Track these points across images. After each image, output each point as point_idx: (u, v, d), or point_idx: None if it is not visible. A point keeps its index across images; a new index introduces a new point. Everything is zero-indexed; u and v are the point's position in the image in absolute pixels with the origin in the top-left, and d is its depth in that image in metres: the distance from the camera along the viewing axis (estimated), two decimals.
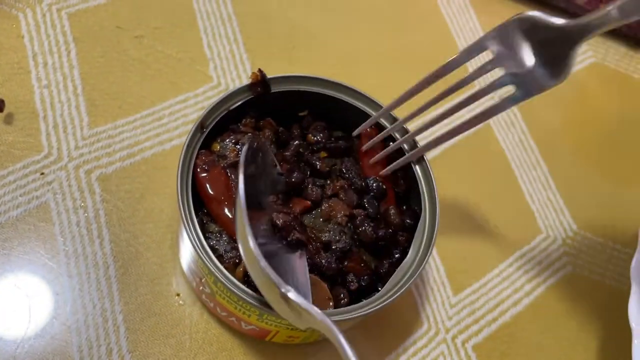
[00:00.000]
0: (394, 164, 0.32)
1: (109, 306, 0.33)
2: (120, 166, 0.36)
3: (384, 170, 0.33)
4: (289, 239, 0.29)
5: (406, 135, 0.32)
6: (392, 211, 0.32)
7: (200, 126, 0.30)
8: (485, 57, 0.28)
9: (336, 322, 0.25)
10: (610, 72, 0.50)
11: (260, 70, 0.31)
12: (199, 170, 0.30)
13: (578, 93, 0.49)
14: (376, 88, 0.43)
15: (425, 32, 0.48)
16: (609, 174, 0.46)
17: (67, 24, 0.40)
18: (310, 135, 0.33)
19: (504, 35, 0.27)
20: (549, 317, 0.39)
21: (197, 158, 0.30)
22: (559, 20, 0.26)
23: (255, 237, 0.24)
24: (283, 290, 0.24)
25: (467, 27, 0.49)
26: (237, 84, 0.40)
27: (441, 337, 0.36)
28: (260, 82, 0.32)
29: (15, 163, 0.35)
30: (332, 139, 0.34)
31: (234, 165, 0.30)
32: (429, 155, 0.42)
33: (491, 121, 0.45)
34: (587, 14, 0.25)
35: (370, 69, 0.45)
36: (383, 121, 0.33)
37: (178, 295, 0.34)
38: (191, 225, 0.28)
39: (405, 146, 0.32)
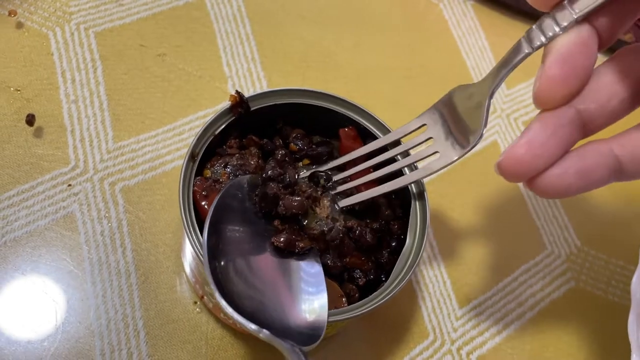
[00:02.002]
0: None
1: (130, 312, 0.35)
2: (143, 179, 0.38)
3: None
4: (296, 251, 0.30)
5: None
6: (383, 205, 0.34)
7: (191, 156, 0.31)
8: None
9: (356, 316, 0.28)
10: None
11: (238, 92, 0.33)
12: (198, 197, 0.31)
13: None
14: (389, 105, 0.45)
15: (437, 51, 0.49)
16: (613, 192, 0.47)
17: (94, 42, 0.42)
18: (292, 144, 0.35)
19: (435, 110, 0.31)
20: (552, 331, 0.40)
21: (194, 186, 0.31)
22: (473, 82, 0.29)
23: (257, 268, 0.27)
24: (255, 329, 0.25)
25: (476, 47, 0.50)
26: None
27: (447, 348, 0.38)
28: (240, 103, 0.33)
29: (44, 175, 0.37)
30: (313, 145, 0.35)
31: None
32: (435, 174, 0.44)
33: (498, 138, 0.47)
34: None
35: (382, 86, 0.47)
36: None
37: (195, 303, 0.36)
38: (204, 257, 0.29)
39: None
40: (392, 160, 0.33)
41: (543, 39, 0.25)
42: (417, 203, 0.33)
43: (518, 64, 0.27)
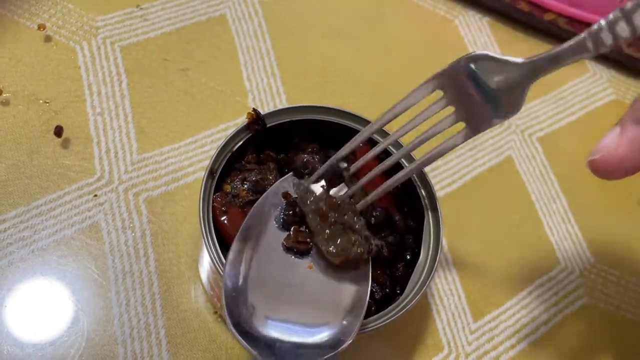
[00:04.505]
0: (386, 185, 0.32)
1: (153, 321, 0.35)
2: (166, 190, 0.39)
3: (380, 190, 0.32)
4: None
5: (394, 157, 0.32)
6: (397, 217, 0.34)
7: (211, 172, 0.32)
8: (436, 95, 0.29)
9: (373, 330, 0.29)
10: None
11: (254, 110, 0.34)
12: (218, 213, 0.32)
13: (598, 129, 0.51)
14: (404, 120, 0.46)
15: None
16: (627, 208, 0.47)
17: (120, 57, 0.43)
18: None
19: (453, 74, 0.28)
20: (566, 346, 0.41)
21: (214, 202, 0.32)
22: (512, 59, 0.27)
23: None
24: (239, 338, 0.26)
25: None
26: None
27: None
28: (257, 120, 0.34)
29: (70, 185, 0.38)
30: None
31: (250, 204, 0.33)
32: (450, 188, 0.45)
33: (512, 154, 0.47)
34: (539, 54, 0.26)
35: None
36: (377, 137, 0.35)
37: (216, 312, 0.36)
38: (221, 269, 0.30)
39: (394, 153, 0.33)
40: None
41: (610, 42, 0.24)
42: (431, 216, 0.34)
43: (572, 62, 0.25)
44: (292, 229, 0.31)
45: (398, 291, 0.33)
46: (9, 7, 0.43)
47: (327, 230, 0.31)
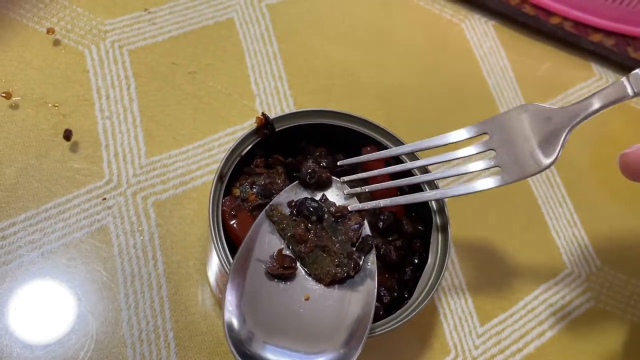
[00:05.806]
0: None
1: (161, 324, 0.36)
2: (174, 193, 0.39)
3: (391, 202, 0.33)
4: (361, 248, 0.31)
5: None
6: (405, 221, 0.35)
7: (220, 176, 0.32)
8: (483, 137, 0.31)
9: (381, 334, 0.29)
10: (636, 112, 0.52)
11: (264, 114, 0.34)
12: (227, 217, 0.32)
13: (604, 132, 0.51)
14: (411, 123, 0.46)
15: (459, 71, 0.50)
16: (634, 212, 0.47)
17: (128, 60, 0.43)
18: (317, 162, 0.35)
19: (503, 121, 0.30)
20: (572, 350, 0.41)
21: (223, 205, 0.32)
22: (555, 107, 0.29)
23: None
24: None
25: (497, 66, 0.51)
26: None
27: None
28: (265, 125, 0.34)
29: (79, 188, 0.38)
30: (337, 163, 0.35)
31: (258, 207, 0.33)
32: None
33: None
34: (579, 102, 0.29)
35: (405, 105, 0.48)
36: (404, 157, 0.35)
37: None
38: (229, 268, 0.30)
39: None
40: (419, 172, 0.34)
41: None
42: (438, 220, 0.34)
43: (611, 105, 0.28)
44: (274, 252, 0.30)
45: (406, 295, 0.33)
46: (18, 11, 0.43)
47: (311, 254, 0.31)
